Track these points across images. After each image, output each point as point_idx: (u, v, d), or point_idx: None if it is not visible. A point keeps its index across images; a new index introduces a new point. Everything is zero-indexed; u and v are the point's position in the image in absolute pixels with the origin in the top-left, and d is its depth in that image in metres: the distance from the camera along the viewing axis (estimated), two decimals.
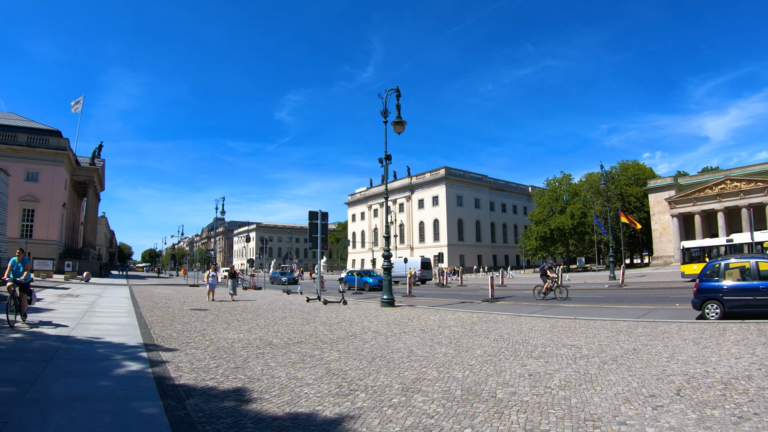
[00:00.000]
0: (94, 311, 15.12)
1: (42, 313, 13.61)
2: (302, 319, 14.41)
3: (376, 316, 15.56)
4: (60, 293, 22.48)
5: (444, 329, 11.90)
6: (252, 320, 14.10)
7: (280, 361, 7.99)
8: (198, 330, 11.66)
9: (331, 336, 10.91)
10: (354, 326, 12.74)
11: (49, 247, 45.06)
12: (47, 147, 46.78)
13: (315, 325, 13.08)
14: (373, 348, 9.25)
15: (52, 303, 17.10)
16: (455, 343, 9.59)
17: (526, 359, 7.83)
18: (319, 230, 26.81)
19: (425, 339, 10.28)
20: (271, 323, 13.36)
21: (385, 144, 21.14)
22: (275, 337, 10.75)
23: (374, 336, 10.86)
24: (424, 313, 16.20)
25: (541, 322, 12.77)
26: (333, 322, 13.82)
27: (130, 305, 18.02)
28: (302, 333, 11.40)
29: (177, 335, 10.66)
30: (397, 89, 20.99)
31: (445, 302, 22.24)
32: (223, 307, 18.40)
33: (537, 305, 19.64)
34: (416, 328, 12.14)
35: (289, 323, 13.47)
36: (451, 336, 10.64)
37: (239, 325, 12.76)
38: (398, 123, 20.63)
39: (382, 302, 19.29)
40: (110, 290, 28.23)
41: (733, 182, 54.47)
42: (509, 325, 12.46)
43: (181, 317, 14.33)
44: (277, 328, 12.36)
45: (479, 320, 13.68)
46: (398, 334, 11.07)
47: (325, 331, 11.84)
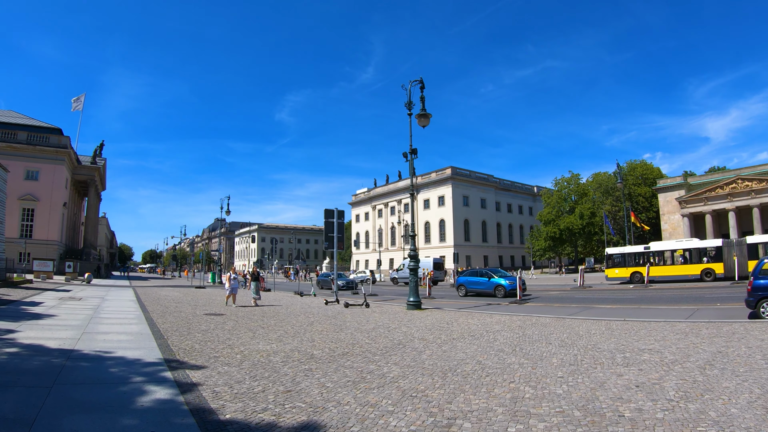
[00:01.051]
0: (99, 317, 13.49)
1: (42, 320, 12.00)
2: (332, 325, 12.92)
3: (410, 320, 14.22)
4: (61, 296, 20.83)
5: (494, 334, 10.81)
6: (278, 327, 12.55)
7: (335, 379, 6.53)
8: (221, 340, 10.07)
9: (375, 345, 9.53)
10: (394, 332, 11.42)
11: (49, 247, 43.38)
12: (48, 145, 45.14)
13: (350, 332, 11.60)
14: (434, 359, 7.96)
15: (53, 308, 15.45)
16: (521, 351, 8.51)
17: (615, 367, 7.01)
18: (335, 229, 25.39)
19: (483, 346, 9.15)
20: (301, 330, 11.80)
21: (410, 137, 20.08)
22: (313, 347, 9.24)
23: (424, 344, 9.55)
24: (460, 317, 14.97)
25: (593, 325, 11.88)
26: (367, 327, 12.42)
27: (138, 310, 16.40)
28: (341, 342, 9.96)
29: (200, 347, 9.05)
30: (420, 80, 19.90)
31: (470, 303, 21.14)
32: (240, 312, 16.76)
33: (570, 306, 18.85)
34: (464, 334, 10.96)
35: (319, 330, 11.98)
36: (509, 342, 9.56)
37: (266, 333, 11.21)
38: (423, 116, 19.51)
39: (408, 305, 18.08)
40: (114, 292, 26.58)
41: (744, 182, 53.12)
42: (561, 328, 11.51)
43: (197, 324, 12.71)
44: (310, 336, 10.82)
45: (525, 324, 12.57)
46: (449, 342, 9.85)
47: (366, 339, 10.41)
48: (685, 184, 58.49)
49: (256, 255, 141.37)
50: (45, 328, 10.49)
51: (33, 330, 10.20)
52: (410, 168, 20.33)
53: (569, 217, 58.79)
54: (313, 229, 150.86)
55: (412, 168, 20.31)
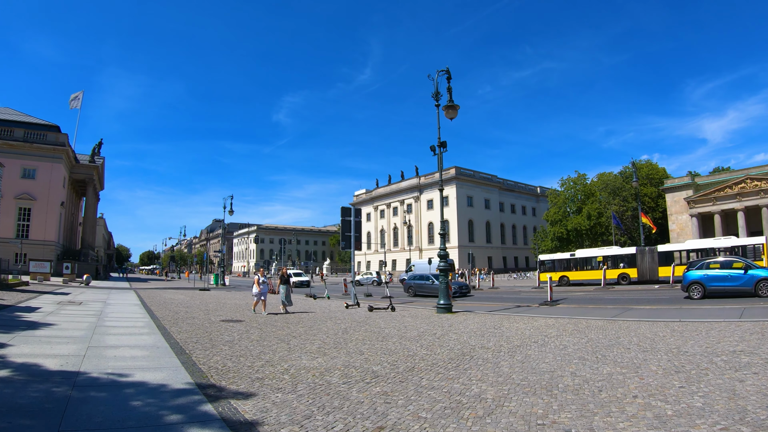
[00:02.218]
0: (105, 326, 11.73)
1: (40, 330, 10.24)
2: (370, 333, 11.33)
3: (450, 325, 12.81)
4: (60, 300, 19.03)
5: (556, 339, 9.70)
6: (310, 336, 10.87)
7: (426, 406, 5.11)
8: (255, 354, 8.38)
9: (436, 356, 8.16)
10: (445, 340, 10.04)
11: (46, 248, 41.43)
12: (45, 142, 43.21)
13: (395, 340, 10.12)
14: (519, 372, 6.74)
15: (52, 314, 13.66)
16: (606, 358, 7.50)
17: (727, 372, 6.28)
18: (353, 228, 23.78)
19: (559, 354, 8.04)
20: (340, 340, 10.16)
21: (438, 129, 18.96)
22: (368, 361, 7.72)
23: (492, 354, 8.28)
24: (500, 320, 13.77)
25: (652, 327, 11.02)
26: (411, 335, 10.93)
27: (146, 316, 14.64)
28: (395, 353, 8.47)
29: (234, 365, 7.36)
30: (447, 70, 18.54)
31: (499, 306, 19.77)
32: (261, 318, 15.03)
33: (607, 308, 17.69)
34: (525, 340, 9.71)
35: (359, 338, 10.42)
36: (582, 349, 8.48)
37: (302, 344, 9.54)
38: (450, 107, 18.10)
39: (438, 308, 16.75)
40: (115, 295, 24.75)
41: (754, 181, 51.87)
42: (622, 331, 10.56)
43: (218, 334, 10.97)
44: (355, 347, 9.22)
45: (579, 327, 11.51)
46: (516, 350, 8.64)
47: (420, 348, 8.98)
48: (693, 184, 57.19)
49: (256, 256, 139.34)
50: (43, 342, 8.73)
51: (29, 344, 8.44)
52: (439, 162, 19.33)
53: (576, 217, 57.38)
54: (312, 230, 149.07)
55: (441, 162, 19.40)
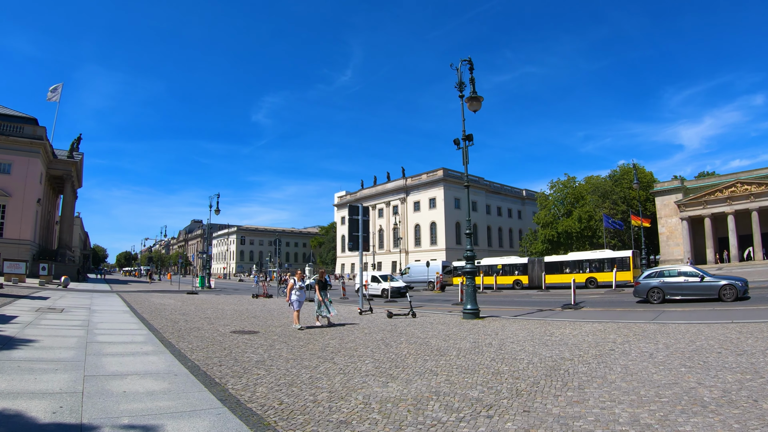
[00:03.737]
0: (97, 341, 9.50)
1: (18, 350, 7.98)
2: (418, 345, 9.56)
3: (496, 333, 11.63)
4: (38, 306, 16.58)
5: (628, 346, 8.97)
6: (352, 350, 9.07)
7: None
8: (306, 380, 6.52)
9: (527, 372, 7.03)
10: (512, 351, 8.93)
11: (21, 247, 38.30)
12: (21, 135, 40.05)
13: (457, 354, 8.67)
14: (646, 387, 5.89)
15: (31, 326, 11.32)
16: (716, 366, 6.88)
17: None
18: (360, 227, 21.79)
19: (657, 363, 7.25)
20: (393, 357, 8.43)
21: (462, 121, 17.73)
22: (453, 384, 6.33)
23: (584, 365, 7.33)
24: (546, 327, 12.52)
25: (719, 330, 10.44)
26: (465, 346, 9.59)
27: (142, 327, 12.41)
28: (474, 372, 7.14)
29: (290, 399, 5.49)
30: (469, 60, 17.17)
31: (521, 310, 18.60)
32: (275, 329, 12.93)
33: (636, 311, 16.77)
34: (599, 349, 8.72)
35: (411, 352, 8.92)
36: (675, 356, 7.77)
37: (353, 363, 7.79)
38: (474, 98, 16.90)
39: (464, 314, 15.40)
40: (99, 300, 22.25)
41: (744, 185, 51.57)
42: (693, 335, 9.89)
43: (240, 351, 8.87)
44: (418, 364, 7.59)
45: (635, 332, 10.71)
46: (602, 360, 7.70)
47: (499, 364, 7.69)
48: (682, 187, 56.72)
49: (236, 258, 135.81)
50: (24, 370, 6.53)
51: (5, 374, 6.21)
52: (464, 156, 17.85)
53: (567, 220, 56.31)
54: (293, 231, 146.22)
55: (466, 156, 17.91)
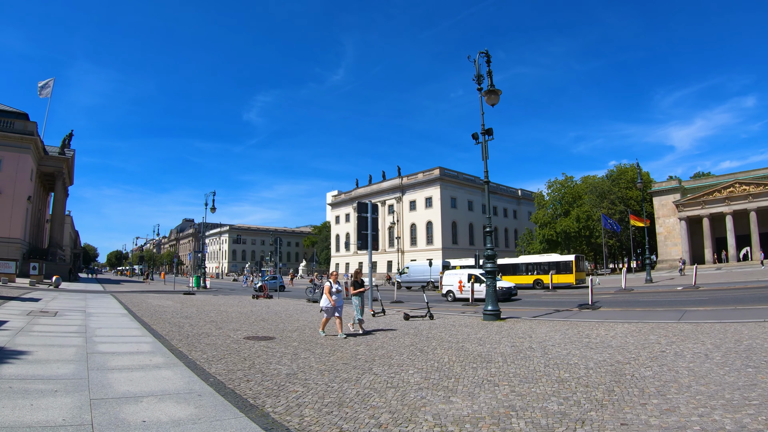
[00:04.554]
0: (99, 352, 8.35)
1: (10, 364, 6.80)
2: (456, 351, 8.77)
3: (529, 336, 10.98)
4: (30, 308, 15.34)
5: (674, 347, 8.58)
6: (388, 359, 8.13)
7: None
8: (354, 397, 5.57)
9: (592, 379, 6.45)
10: (560, 355, 8.38)
11: (11, 246, 36.77)
12: (12, 131, 38.48)
13: (504, 360, 8.04)
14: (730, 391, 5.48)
15: (23, 332, 10.12)
16: None
17: None
18: (370, 225, 20.77)
19: (721, 365, 6.88)
20: (438, 365, 7.64)
21: (481, 115, 16.35)
22: (522, 396, 5.69)
23: (647, 369, 6.93)
24: (577, 328, 11.95)
25: (751, 328, 10.15)
26: (505, 351, 8.97)
27: (145, 333, 11.26)
28: (532, 380, 6.53)
29: (348, 424, 4.59)
30: (486, 53, 16.23)
31: (538, 311, 18.00)
32: (291, 334, 11.81)
33: (656, 310, 16.47)
34: (647, 351, 8.26)
35: (453, 360, 8.18)
36: (732, 357, 7.40)
37: (399, 374, 6.93)
38: (492, 92, 15.91)
39: (485, 315, 14.66)
40: (93, 302, 20.98)
41: (742, 185, 51.28)
42: (732, 334, 9.52)
43: (264, 362, 7.76)
44: (468, 373, 6.93)
45: (674, 332, 10.31)
46: (658, 363, 7.30)
47: (557, 370, 7.12)
48: (680, 187, 56.34)
49: (228, 257, 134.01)
50: (17, 393, 5.39)
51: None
52: (483, 151, 16.80)
53: (565, 219, 55.60)
54: (286, 230, 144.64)
55: (486, 151, 16.83)
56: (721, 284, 27.77)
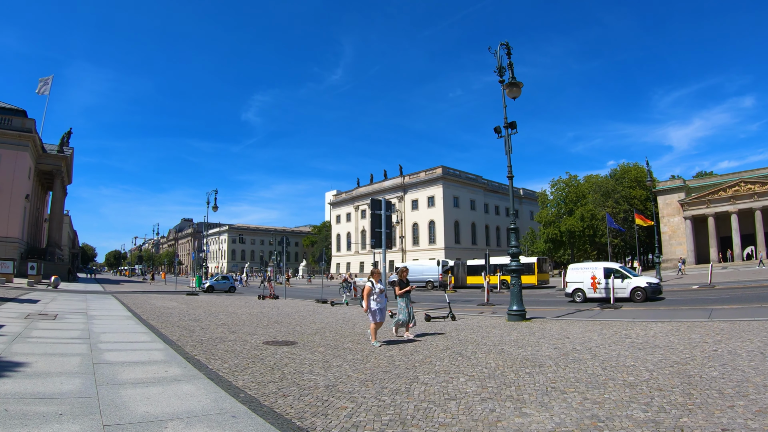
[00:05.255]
0: (106, 361, 7.36)
1: (6, 378, 5.82)
2: (497, 354, 8.11)
3: (566, 337, 10.25)
4: (28, 311, 14.32)
5: (723, 346, 8.21)
6: (429, 364, 7.19)
7: None
8: (422, 414, 4.69)
9: (661, 382, 5.97)
10: (613, 357, 7.75)
11: (9, 245, 35.64)
12: (9, 128, 37.33)
13: (556, 365, 7.32)
14: None
15: (20, 338, 9.12)
16: None
17: None
18: (384, 223, 19.79)
19: None
20: (486, 370, 6.85)
21: (504, 108, 15.52)
22: (600, 404, 5.11)
23: (713, 371, 6.45)
24: (611, 328, 11.37)
25: None
26: (550, 354, 8.23)
27: (154, 338, 10.25)
28: (602, 387, 5.90)
29: None
30: (507, 44, 15.40)
31: (559, 311, 17.05)
32: (314, 338, 10.82)
33: (681, 309, 16.21)
34: (702, 354, 7.62)
35: (500, 364, 7.45)
36: None
37: (452, 383, 6.08)
38: (513, 84, 15.01)
39: (509, 315, 13.93)
40: (94, 303, 19.96)
41: (747, 184, 50.56)
42: None
43: (294, 371, 6.78)
44: (525, 380, 6.25)
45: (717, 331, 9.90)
46: (721, 366, 6.70)
47: (624, 375, 6.31)
48: (685, 186, 55.59)
49: (227, 257, 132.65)
50: (15, 419, 4.38)
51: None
52: (506, 146, 15.65)
53: (570, 219, 54.78)
54: (285, 230, 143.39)
55: (509, 145, 15.59)
56: (734, 283, 27.31)
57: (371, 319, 9.66)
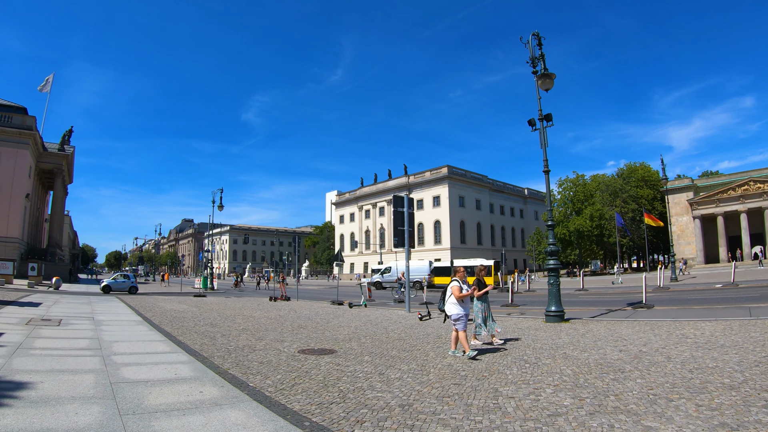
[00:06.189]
0: (126, 379, 6.11)
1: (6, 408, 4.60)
2: (563, 359, 7.27)
3: (621, 338, 9.47)
4: (29, 315, 13.05)
5: None
6: (495, 372, 6.10)
7: None
8: None
9: None
10: (690, 359, 7.12)
11: (8, 245, 34.30)
12: (9, 125, 35.99)
13: (636, 369, 6.65)
14: None
15: (21, 350, 7.84)
16: None
17: None
18: (406, 221, 18.73)
19: None
20: (565, 377, 6.09)
21: (538, 100, 14.56)
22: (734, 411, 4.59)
23: None
24: (662, 328, 10.57)
25: None
26: (625, 358, 7.47)
27: (176, 349, 8.98)
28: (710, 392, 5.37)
29: None
30: (537, 34, 14.46)
31: (593, 311, 15.96)
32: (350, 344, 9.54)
33: (716, 307, 15.21)
34: None
35: (575, 371, 6.70)
36: None
37: (540, 393, 5.23)
38: (546, 76, 14.07)
39: (548, 316, 13.02)
40: (100, 306, 18.68)
41: (757, 183, 49.60)
42: None
43: (351, 386, 5.54)
44: (625, 388, 5.50)
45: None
46: None
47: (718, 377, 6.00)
48: (693, 186, 54.57)
49: (229, 257, 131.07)
50: None
51: None
52: (541, 139, 14.52)
53: (578, 218, 53.67)
54: (286, 230, 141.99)
55: (544, 139, 14.48)
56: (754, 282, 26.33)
57: (458, 327, 8.04)
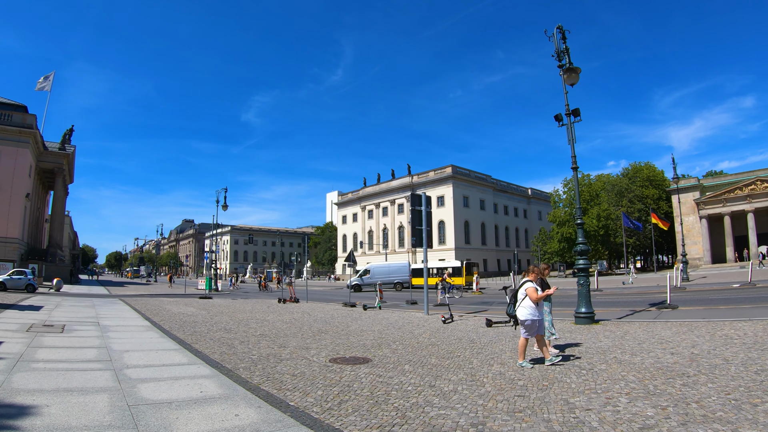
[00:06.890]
0: (144, 400, 5.17)
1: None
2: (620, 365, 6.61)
3: (666, 340, 8.96)
4: (30, 320, 12.10)
5: None
6: (553, 381, 5.33)
7: None
8: None
9: None
10: (751, 361, 6.69)
11: (8, 246, 33.30)
12: (10, 123, 35.00)
13: (701, 374, 6.24)
14: None
15: (22, 362, 6.89)
16: None
17: None
18: (424, 220, 17.90)
19: None
20: (631, 384, 5.32)
21: (565, 94, 14.04)
22: None
23: None
24: (701, 329, 10.07)
25: None
26: (681, 361, 7.05)
27: (194, 360, 8.03)
28: None
29: None
30: (561, 27, 13.94)
31: (616, 312, 14.96)
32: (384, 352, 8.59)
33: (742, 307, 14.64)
34: None
35: (639, 377, 5.90)
36: None
37: (619, 405, 4.76)
38: (571, 70, 13.63)
39: (578, 318, 12.22)
40: (104, 309, 17.73)
41: (764, 183, 48.86)
42: None
43: (405, 404, 4.65)
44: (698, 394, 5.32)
45: None
46: None
47: None
48: (699, 185, 53.78)
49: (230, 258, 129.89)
50: None
51: None
52: (569, 134, 13.75)
53: (584, 218, 52.83)
54: (288, 231, 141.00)
55: (572, 134, 13.71)
56: None
57: (525, 334, 7.01)
